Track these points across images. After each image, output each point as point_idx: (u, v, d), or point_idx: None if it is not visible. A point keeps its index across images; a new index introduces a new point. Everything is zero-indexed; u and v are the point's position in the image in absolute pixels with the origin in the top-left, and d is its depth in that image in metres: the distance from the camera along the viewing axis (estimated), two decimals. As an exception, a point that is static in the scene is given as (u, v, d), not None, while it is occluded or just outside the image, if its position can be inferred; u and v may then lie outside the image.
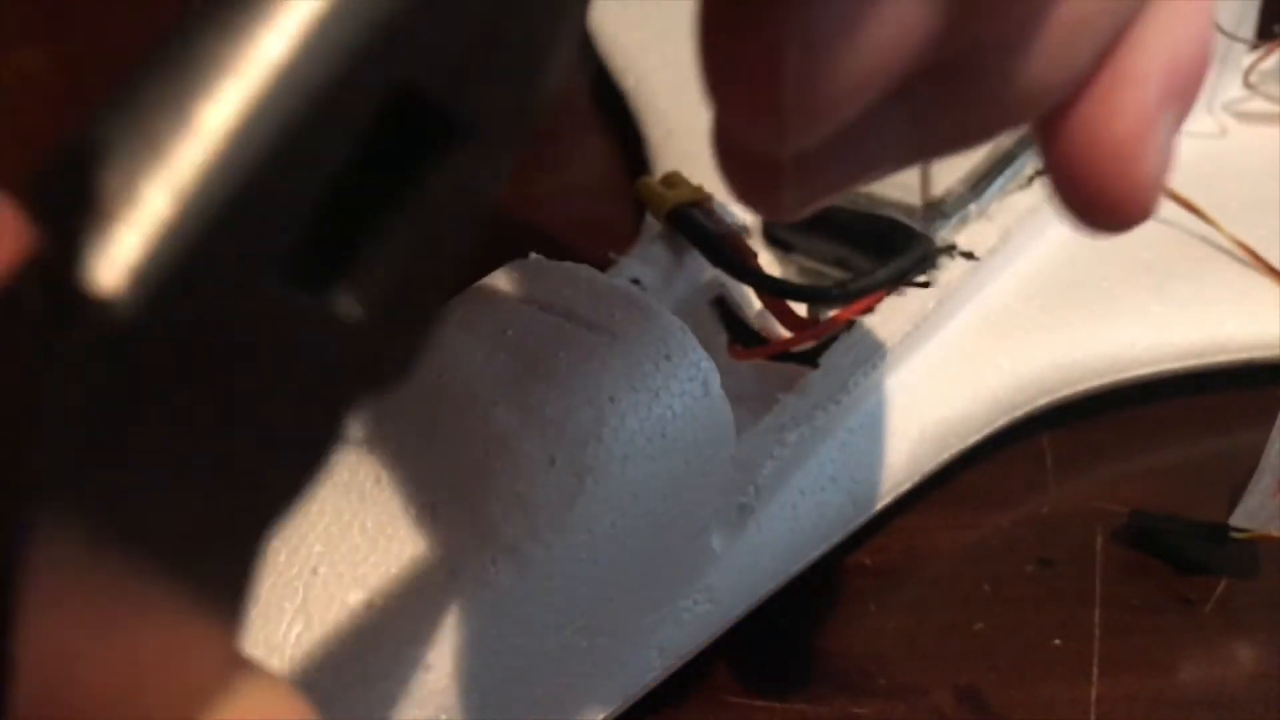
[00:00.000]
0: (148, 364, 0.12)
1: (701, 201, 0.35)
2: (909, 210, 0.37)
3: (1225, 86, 0.45)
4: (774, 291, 0.35)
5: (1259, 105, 0.45)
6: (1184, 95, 0.20)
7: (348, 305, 0.13)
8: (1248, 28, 0.45)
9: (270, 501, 0.14)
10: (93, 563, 0.12)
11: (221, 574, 0.14)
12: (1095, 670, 0.33)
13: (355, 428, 0.28)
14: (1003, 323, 0.38)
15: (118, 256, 0.11)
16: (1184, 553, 0.35)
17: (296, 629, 0.25)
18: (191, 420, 0.12)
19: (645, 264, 0.35)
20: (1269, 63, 0.46)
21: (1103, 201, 0.20)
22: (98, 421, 0.11)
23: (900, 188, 0.38)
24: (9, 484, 0.11)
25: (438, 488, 0.26)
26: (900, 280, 0.36)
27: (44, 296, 0.11)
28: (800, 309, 0.36)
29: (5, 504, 0.11)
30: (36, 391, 0.11)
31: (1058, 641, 0.33)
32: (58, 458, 0.11)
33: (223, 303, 0.12)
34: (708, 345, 0.29)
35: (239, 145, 0.12)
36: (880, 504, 0.35)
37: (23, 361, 0.11)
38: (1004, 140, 0.41)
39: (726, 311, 0.36)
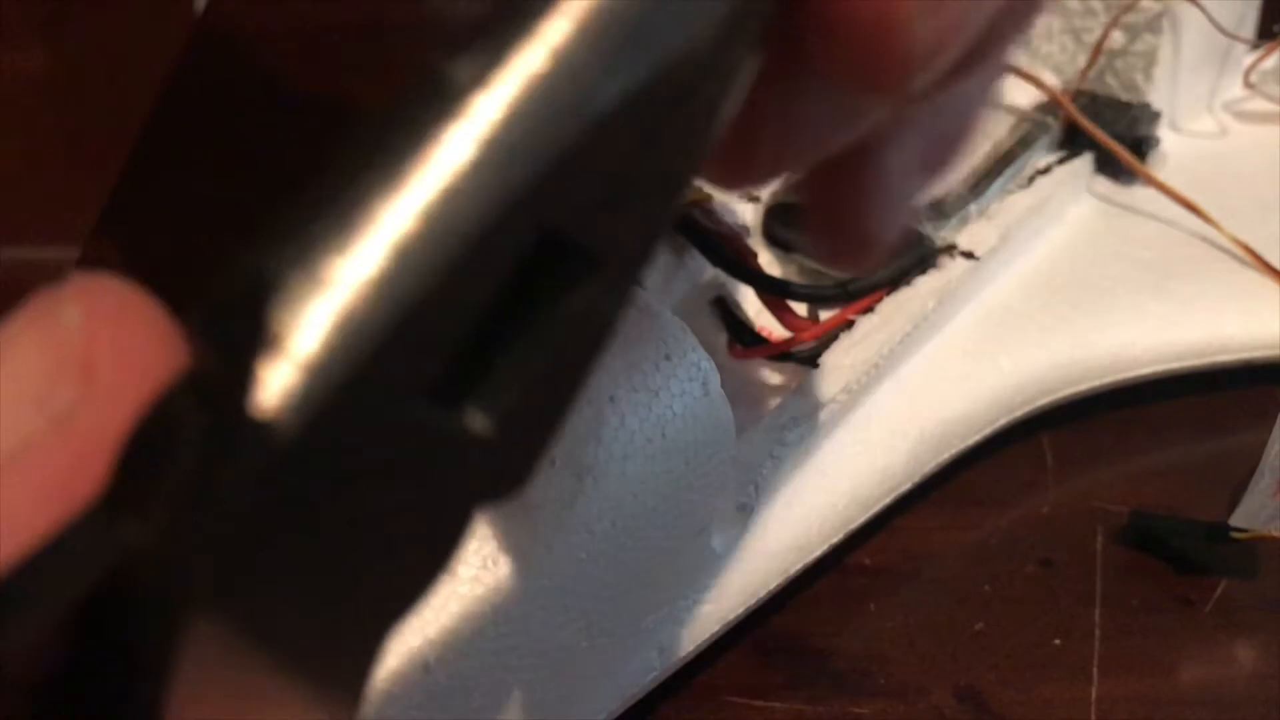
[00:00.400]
0: (300, 480, 0.12)
1: (701, 201, 0.35)
2: (909, 210, 0.37)
3: (1225, 86, 0.45)
4: (774, 291, 0.35)
5: (1259, 105, 0.45)
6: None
7: (479, 420, 0.14)
8: (1248, 28, 0.45)
9: (393, 604, 0.14)
10: (235, 659, 0.13)
11: (345, 670, 0.14)
12: (1095, 670, 0.33)
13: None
14: (1003, 323, 0.38)
15: (283, 385, 0.12)
16: (1184, 553, 0.35)
17: (297, 629, 0.25)
18: (330, 529, 0.13)
19: (645, 264, 0.35)
20: (1269, 62, 0.46)
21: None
22: (254, 533, 0.12)
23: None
24: (168, 590, 0.12)
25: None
26: (900, 280, 0.36)
27: (207, 414, 0.12)
28: (800, 309, 0.36)
29: (164, 608, 0.12)
30: (204, 504, 0.12)
31: (1058, 642, 0.33)
32: (217, 566, 0.12)
33: (371, 425, 0.13)
34: (708, 345, 0.29)
35: (398, 287, 0.12)
36: (880, 504, 0.35)
37: (184, 472, 0.12)
38: (1004, 140, 0.41)
39: (726, 311, 0.36)
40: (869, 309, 0.35)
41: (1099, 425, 0.39)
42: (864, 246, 0.21)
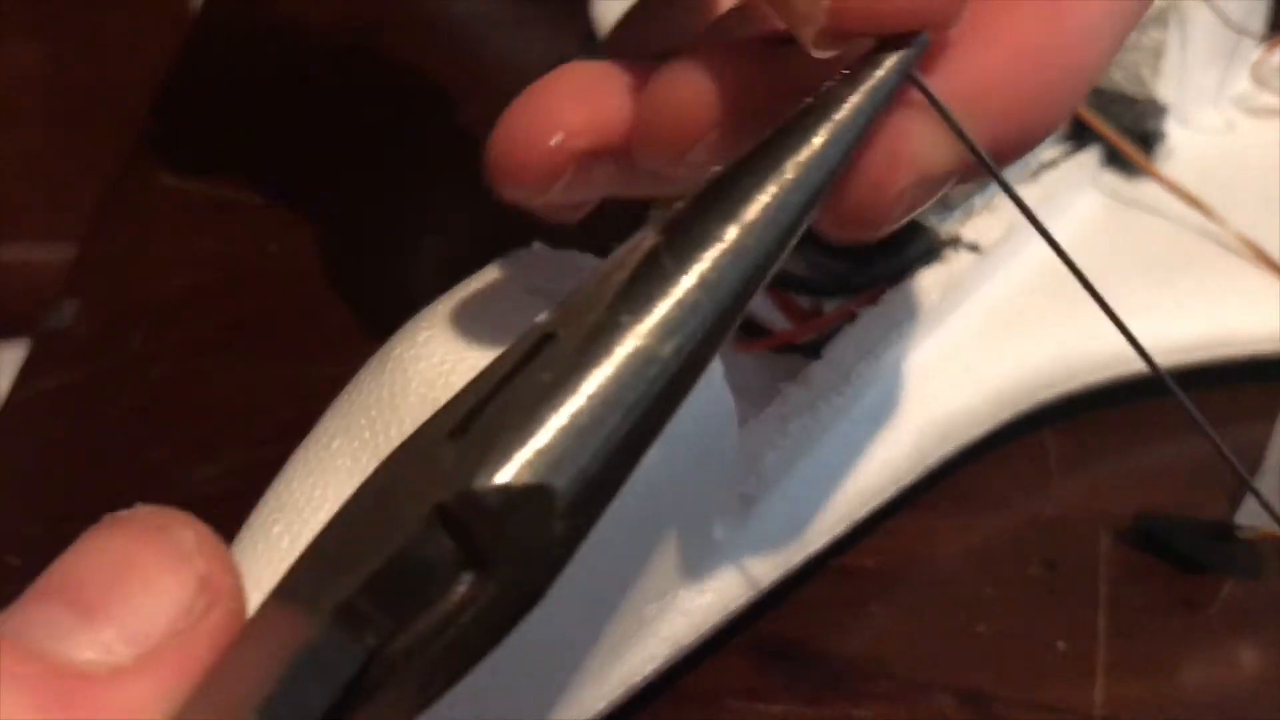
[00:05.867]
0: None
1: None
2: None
3: (1233, 81, 0.44)
4: (777, 283, 0.35)
5: (1267, 100, 0.45)
6: None
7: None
8: (1256, 22, 0.44)
9: None
10: None
11: None
12: (1099, 673, 0.32)
13: (358, 418, 0.28)
14: (1007, 316, 0.37)
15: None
16: (1189, 553, 0.35)
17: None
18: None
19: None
20: (1277, 57, 0.46)
21: None
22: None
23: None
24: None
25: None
26: (904, 273, 0.36)
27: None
28: (803, 300, 0.36)
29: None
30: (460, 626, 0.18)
31: (1061, 644, 0.33)
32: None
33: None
34: None
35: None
36: (883, 497, 0.35)
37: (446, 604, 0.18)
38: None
39: None
40: (872, 301, 0.35)
41: (1103, 423, 0.39)
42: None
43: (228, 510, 0.32)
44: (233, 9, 0.53)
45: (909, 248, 0.36)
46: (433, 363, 0.27)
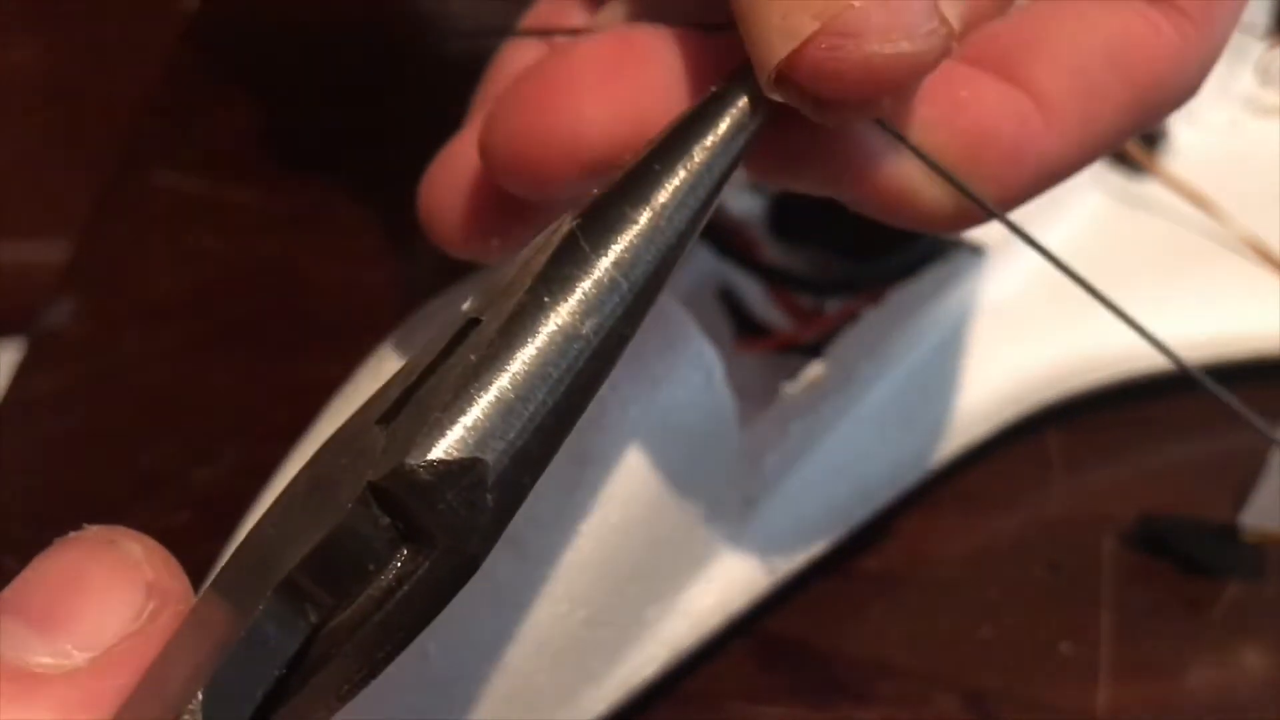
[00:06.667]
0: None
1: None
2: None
3: (1237, 79, 0.44)
4: (780, 283, 0.35)
5: (1271, 98, 0.45)
6: None
7: None
8: (1261, 20, 0.44)
9: None
10: None
11: None
12: (1103, 676, 0.32)
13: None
14: (1010, 316, 0.37)
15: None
16: (1192, 555, 0.35)
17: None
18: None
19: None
20: (1280, 55, 0.45)
21: None
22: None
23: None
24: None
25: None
26: (907, 272, 0.36)
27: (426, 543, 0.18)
28: (806, 301, 0.36)
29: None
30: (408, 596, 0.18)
31: (1065, 646, 0.33)
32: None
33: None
34: (713, 336, 0.29)
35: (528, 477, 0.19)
36: (885, 498, 0.34)
37: (387, 576, 0.18)
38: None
39: (732, 303, 0.36)
40: (875, 301, 0.35)
41: (1106, 425, 0.38)
42: None
43: (224, 510, 0.32)
44: (229, 8, 0.53)
45: (912, 248, 0.36)
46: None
